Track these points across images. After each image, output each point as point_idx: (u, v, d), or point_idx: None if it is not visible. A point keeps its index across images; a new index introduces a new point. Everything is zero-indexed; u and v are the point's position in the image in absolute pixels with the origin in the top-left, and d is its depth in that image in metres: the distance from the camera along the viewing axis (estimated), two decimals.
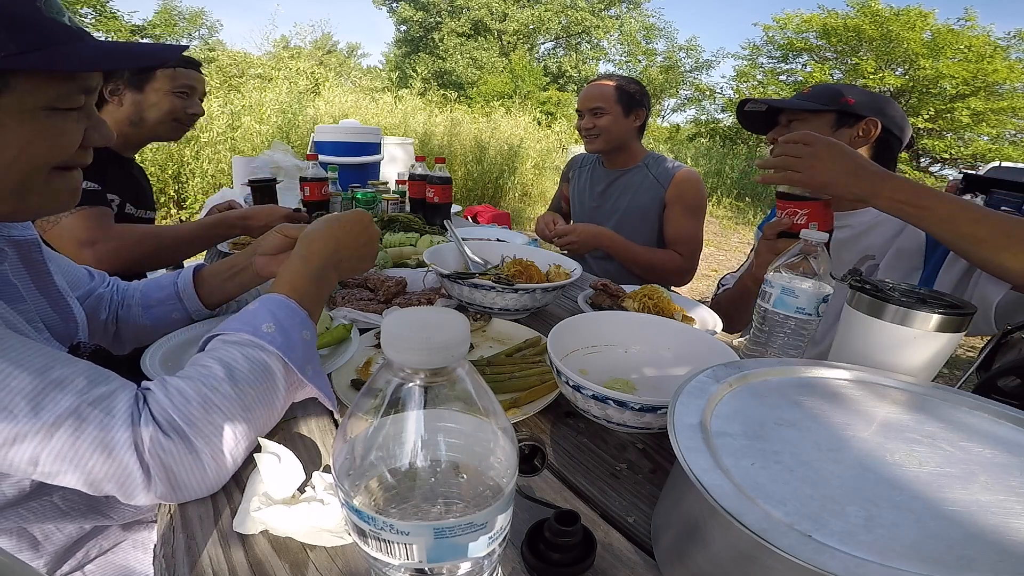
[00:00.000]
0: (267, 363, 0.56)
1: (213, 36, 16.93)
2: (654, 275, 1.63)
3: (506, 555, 0.47)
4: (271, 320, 0.58)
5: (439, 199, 1.78)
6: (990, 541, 0.37)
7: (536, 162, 8.31)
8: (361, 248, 0.71)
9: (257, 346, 0.56)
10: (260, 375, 0.55)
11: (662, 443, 0.68)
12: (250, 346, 0.56)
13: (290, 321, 0.59)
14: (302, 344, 0.59)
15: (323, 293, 0.66)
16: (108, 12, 12.20)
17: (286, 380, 0.58)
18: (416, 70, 16.79)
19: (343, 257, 0.69)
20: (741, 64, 15.30)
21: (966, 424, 0.53)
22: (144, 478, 0.48)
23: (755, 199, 9.92)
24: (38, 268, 0.66)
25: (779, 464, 0.44)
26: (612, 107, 1.66)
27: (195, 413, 0.50)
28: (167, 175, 5.16)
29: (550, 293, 1.01)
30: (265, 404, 0.56)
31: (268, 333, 0.57)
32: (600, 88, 1.67)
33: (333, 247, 0.68)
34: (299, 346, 0.59)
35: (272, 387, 0.56)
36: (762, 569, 0.37)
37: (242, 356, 0.55)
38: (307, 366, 0.59)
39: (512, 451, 0.36)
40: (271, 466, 0.52)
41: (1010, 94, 11.71)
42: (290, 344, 0.58)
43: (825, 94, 1.13)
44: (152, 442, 0.48)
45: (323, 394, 0.61)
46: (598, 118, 1.67)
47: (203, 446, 0.50)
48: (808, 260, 0.76)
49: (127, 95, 1.29)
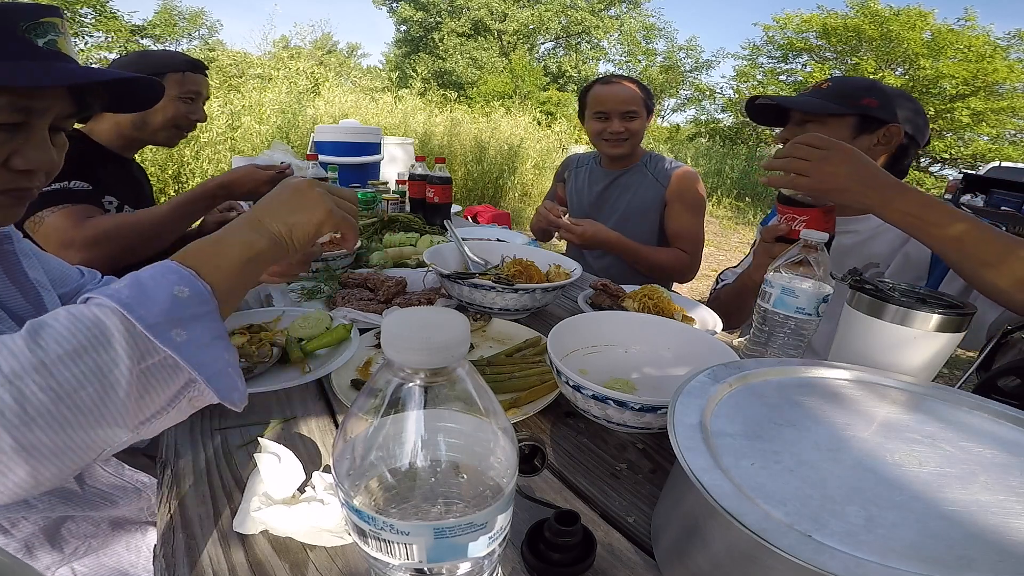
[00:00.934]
0: (96, 317, 0.40)
1: (213, 36, 16.94)
2: (660, 273, 1.62)
3: (506, 555, 0.47)
4: (128, 279, 0.45)
5: (439, 199, 1.78)
6: (990, 541, 0.37)
7: (536, 162, 8.31)
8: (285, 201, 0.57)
9: (94, 302, 0.42)
10: (80, 329, 0.39)
11: (662, 443, 0.68)
12: (83, 303, 0.43)
13: (154, 278, 0.45)
14: (168, 299, 0.43)
15: (226, 250, 0.51)
16: (108, 12, 12.20)
17: (130, 344, 0.41)
18: (416, 70, 16.79)
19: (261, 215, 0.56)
20: (741, 64, 15.32)
21: (966, 424, 0.53)
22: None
23: (755, 199, 9.93)
24: (8, 260, 0.67)
25: (779, 464, 0.44)
26: (641, 110, 1.64)
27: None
28: (167, 175, 5.16)
29: (550, 293, 1.01)
30: (84, 370, 0.39)
31: (112, 290, 0.43)
32: (629, 90, 1.63)
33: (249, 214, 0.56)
34: (160, 301, 0.43)
35: (100, 348, 0.39)
36: (762, 569, 0.37)
37: (65, 312, 0.41)
38: (173, 328, 0.43)
39: (512, 451, 0.36)
40: (271, 466, 0.52)
41: (1010, 94, 11.72)
42: (142, 297, 0.43)
43: (846, 92, 1.04)
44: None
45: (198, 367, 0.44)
46: (630, 122, 1.63)
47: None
48: (808, 260, 0.76)
49: None
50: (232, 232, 0.53)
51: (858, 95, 1.02)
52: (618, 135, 1.64)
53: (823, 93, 1.06)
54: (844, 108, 1.02)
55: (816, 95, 1.06)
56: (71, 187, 1.14)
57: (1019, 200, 5.89)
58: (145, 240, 1.17)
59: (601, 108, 1.65)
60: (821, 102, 1.04)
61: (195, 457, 0.60)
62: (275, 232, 0.55)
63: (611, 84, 1.65)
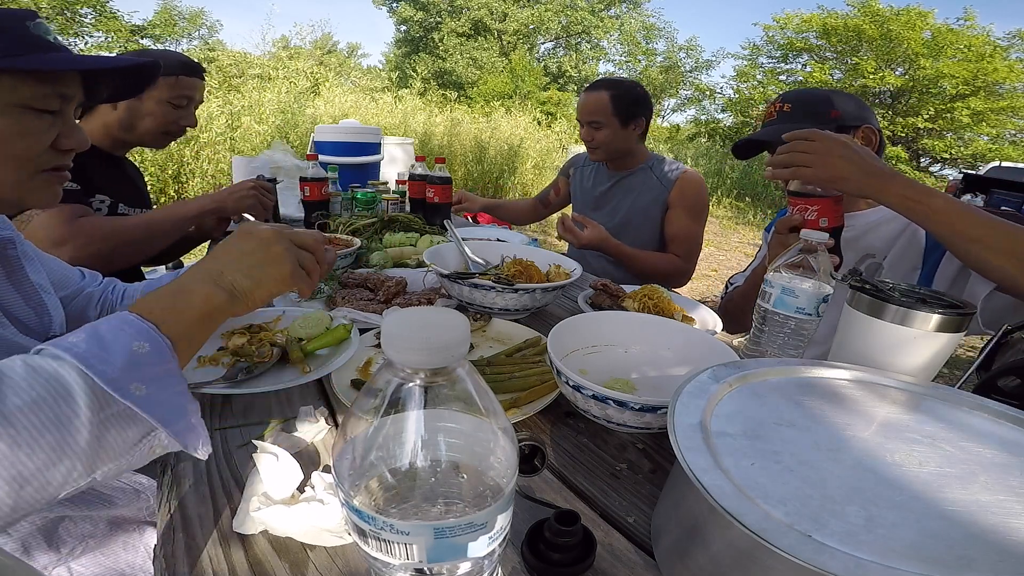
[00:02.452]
0: (56, 371, 0.41)
1: (213, 36, 16.94)
2: (653, 278, 1.63)
3: (506, 555, 0.47)
4: (85, 331, 0.45)
5: (439, 199, 1.78)
6: (990, 541, 0.37)
7: (536, 162, 8.32)
8: (247, 254, 0.56)
9: (51, 355, 0.43)
10: (38, 383, 0.40)
11: (662, 443, 0.68)
12: (39, 353, 0.43)
13: (113, 331, 0.45)
14: (126, 355, 0.44)
15: (184, 306, 0.51)
16: (108, 12, 12.19)
17: (91, 397, 0.42)
18: (416, 70, 16.79)
19: (222, 267, 0.55)
20: (741, 64, 15.32)
21: (966, 424, 0.53)
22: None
23: (755, 199, 9.93)
24: (12, 265, 0.68)
25: (779, 464, 0.44)
26: (609, 119, 1.63)
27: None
28: (167, 175, 5.16)
29: (550, 293, 1.01)
30: (43, 420, 0.39)
31: (70, 343, 0.44)
32: (596, 99, 1.63)
33: (206, 262, 0.55)
34: (118, 355, 0.44)
35: (60, 401, 0.40)
36: (762, 569, 0.37)
37: (22, 363, 0.41)
38: (132, 383, 0.43)
39: (512, 451, 0.36)
40: (269, 466, 0.52)
41: (1010, 94, 11.73)
42: (101, 352, 0.43)
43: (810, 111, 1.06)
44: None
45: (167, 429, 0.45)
46: (596, 131, 1.65)
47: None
48: (808, 260, 0.76)
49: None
50: (193, 282, 0.53)
51: (823, 110, 1.05)
52: (587, 143, 1.69)
53: (789, 116, 1.08)
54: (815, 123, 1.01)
55: (784, 120, 1.08)
56: None
57: (1019, 200, 5.89)
58: (138, 245, 1.17)
59: (577, 116, 1.72)
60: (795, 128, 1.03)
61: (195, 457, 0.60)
62: (237, 288, 0.54)
63: (588, 91, 1.68)
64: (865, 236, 1.12)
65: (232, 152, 5.52)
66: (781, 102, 1.10)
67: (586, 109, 1.65)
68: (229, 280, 0.54)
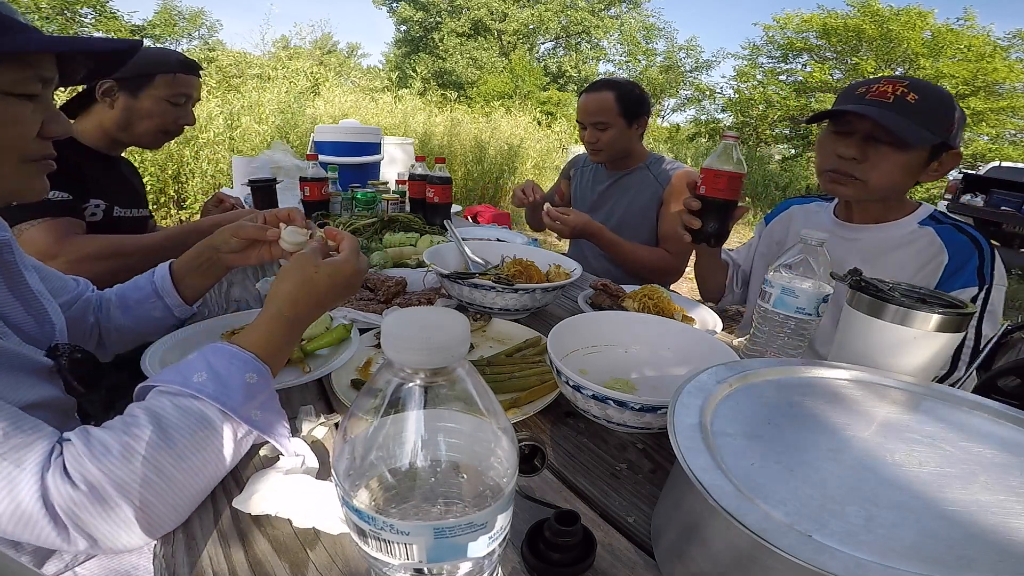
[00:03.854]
0: (201, 411, 0.52)
1: (213, 36, 16.93)
2: (642, 272, 1.61)
3: (506, 555, 0.47)
4: (203, 369, 0.55)
5: (439, 199, 1.78)
6: (990, 541, 0.37)
7: (536, 162, 8.31)
8: (342, 295, 0.67)
9: (187, 395, 0.53)
10: (194, 423, 0.51)
11: (662, 443, 0.68)
12: (180, 395, 0.53)
13: (227, 366, 0.56)
14: (243, 388, 0.55)
15: (281, 331, 0.62)
16: (108, 12, 12.19)
17: (229, 426, 0.54)
18: (416, 70, 16.79)
19: (325, 307, 0.66)
20: (741, 64, 15.30)
21: (966, 424, 0.53)
22: (58, 532, 0.46)
23: (755, 199, 9.93)
24: (9, 270, 0.66)
25: (779, 464, 0.44)
26: (615, 120, 1.61)
27: (114, 463, 0.47)
28: (167, 175, 5.16)
29: (550, 293, 1.01)
30: (204, 452, 0.51)
31: (198, 383, 0.54)
32: (601, 100, 1.60)
33: (315, 304, 0.64)
34: (238, 390, 0.55)
35: (211, 434, 0.52)
36: (762, 569, 0.37)
37: (171, 405, 0.52)
38: (252, 411, 0.56)
39: (512, 451, 0.36)
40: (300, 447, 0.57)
41: (1010, 94, 11.72)
42: (226, 389, 0.54)
43: (938, 114, 0.91)
44: (61, 495, 0.45)
45: (271, 436, 0.57)
46: (602, 132, 1.62)
47: (120, 498, 0.46)
48: (808, 260, 0.76)
49: (120, 98, 1.24)
50: (301, 324, 0.64)
51: (948, 120, 0.91)
52: (591, 144, 1.66)
53: (912, 109, 0.90)
54: (934, 137, 0.91)
55: (901, 111, 0.90)
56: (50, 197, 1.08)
57: (1019, 200, 5.88)
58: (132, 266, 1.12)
59: (578, 117, 1.69)
60: (919, 131, 0.90)
61: None
62: (306, 322, 0.65)
63: (590, 92, 1.65)
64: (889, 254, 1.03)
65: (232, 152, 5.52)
66: (907, 87, 0.92)
67: (590, 110, 1.62)
68: (322, 311, 0.66)
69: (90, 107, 1.26)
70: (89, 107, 1.26)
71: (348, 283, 0.66)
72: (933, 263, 0.97)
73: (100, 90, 1.23)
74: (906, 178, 0.97)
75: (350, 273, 0.66)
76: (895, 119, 0.90)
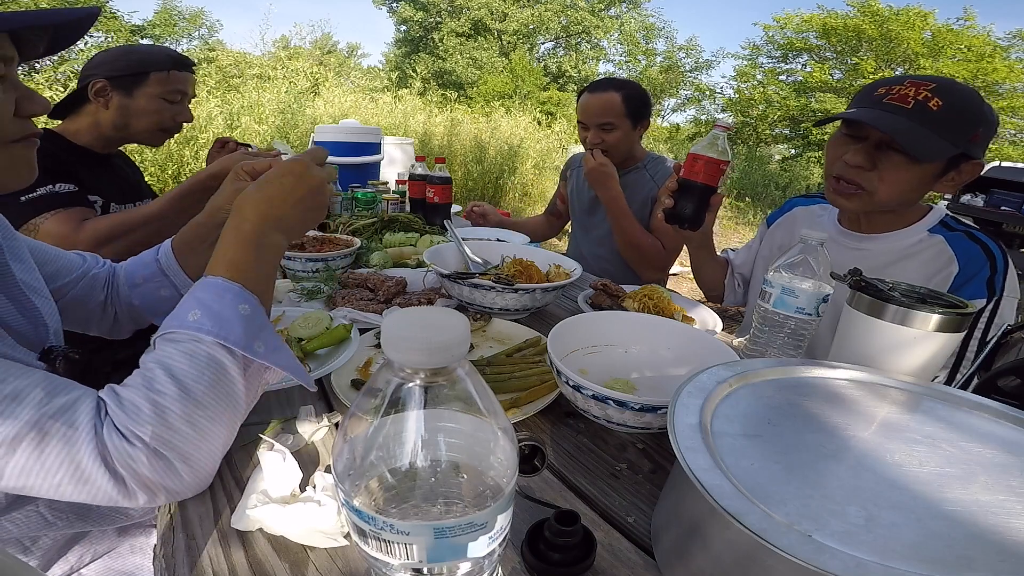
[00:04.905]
0: (209, 354, 0.51)
1: (213, 36, 16.93)
2: (634, 254, 1.60)
3: (506, 555, 0.47)
4: (195, 306, 0.52)
5: (439, 199, 1.78)
6: (990, 541, 0.37)
7: (536, 162, 8.31)
8: (302, 200, 0.61)
9: (191, 339, 0.51)
10: (205, 367, 0.50)
11: (662, 443, 0.68)
12: (184, 340, 0.51)
13: (218, 300, 0.53)
14: (240, 320, 0.52)
15: (265, 258, 0.58)
16: (108, 12, 12.17)
17: (237, 365, 0.52)
18: (416, 70, 16.79)
19: (282, 215, 0.60)
20: (741, 64, 15.30)
21: (966, 424, 0.53)
22: (119, 488, 0.46)
23: (755, 199, 9.93)
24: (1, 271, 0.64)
25: (779, 464, 0.44)
26: (621, 121, 1.58)
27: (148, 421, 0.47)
28: (167, 175, 5.16)
29: (550, 293, 1.01)
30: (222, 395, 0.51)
31: (194, 321, 0.51)
32: (606, 100, 1.56)
33: (265, 208, 0.59)
34: (236, 322, 0.52)
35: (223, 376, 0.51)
36: (762, 569, 0.37)
37: (178, 352, 0.50)
38: (254, 342, 0.53)
39: (512, 451, 0.36)
40: (273, 465, 0.52)
41: (1010, 94, 11.71)
42: (223, 324, 0.52)
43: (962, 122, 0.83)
44: (119, 452, 0.46)
45: (284, 367, 0.54)
46: (607, 133, 1.59)
47: (167, 451, 0.48)
48: (808, 260, 0.76)
49: (114, 98, 1.23)
50: (262, 233, 0.58)
51: (970, 128, 0.84)
52: (594, 147, 1.60)
53: (932, 117, 0.82)
54: (953, 147, 0.83)
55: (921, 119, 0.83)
56: (57, 190, 1.11)
57: (1019, 200, 5.88)
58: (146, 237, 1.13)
59: (581, 118, 1.64)
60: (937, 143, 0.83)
61: None
62: (293, 233, 0.62)
63: (593, 92, 1.61)
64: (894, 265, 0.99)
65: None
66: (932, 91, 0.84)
67: (595, 111, 1.58)
68: (288, 226, 0.60)
69: (81, 107, 1.25)
70: (80, 107, 1.25)
71: (304, 183, 0.61)
72: (942, 274, 0.93)
73: (93, 90, 1.22)
74: (917, 190, 0.92)
75: (300, 171, 0.61)
76: (910, 129, 0.82)
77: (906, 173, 0.88)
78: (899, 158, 0.87)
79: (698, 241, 1.19)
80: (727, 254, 1.35)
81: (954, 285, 0.92)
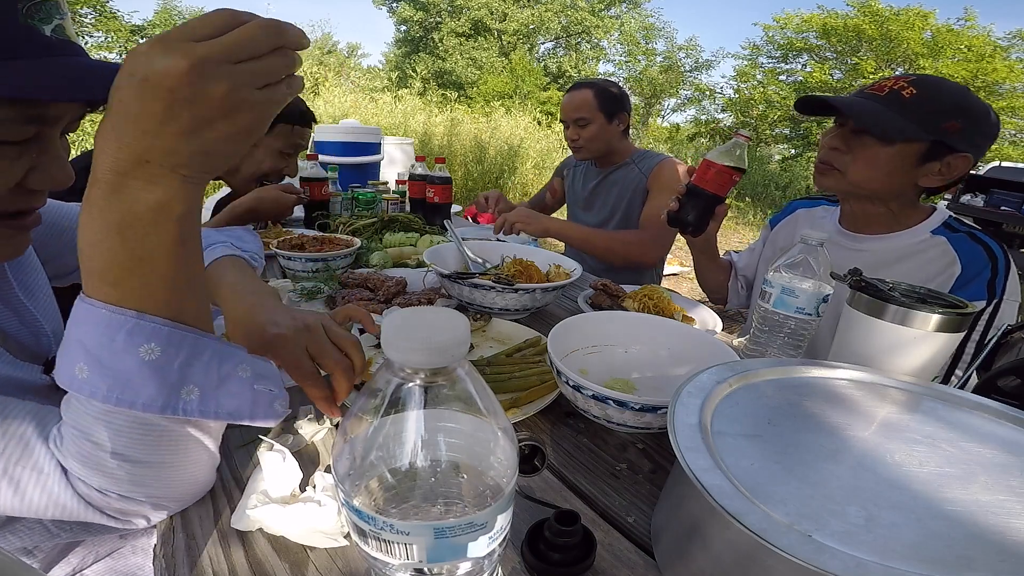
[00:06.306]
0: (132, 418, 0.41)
1: None
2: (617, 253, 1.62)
3: (506, 555, 0.47)
4: (80, 357, 0.38)
5: (439, 199, 1.78)
6: (990, 541, 0.37)
7: (536, 162, 8.31)
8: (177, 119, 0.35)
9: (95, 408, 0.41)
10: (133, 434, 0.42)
11: (662, 443, 0.68)
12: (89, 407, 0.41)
13: (108, 346, 0.38)
14: (146, 372, 0.38)
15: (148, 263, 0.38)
16: (108, 12, 12.18)
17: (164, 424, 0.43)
18: (416, 70, 16.80)
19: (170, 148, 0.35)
20: (741, 64, 15.31)
21: (966, 424, 0.53)
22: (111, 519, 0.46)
23: (755, 199, 9.93)
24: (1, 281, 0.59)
25: (779, 464, 0.44)
26: (595, 115, 1.66)
27: (106, 485, 0.43)
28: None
29: (550, 293, 1.01)
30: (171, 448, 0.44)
31: (84, 381, 0.38)
32: (580, 97, 1.67)
33: (117, 148, 0.35)
34: (140, 378, 0.38)
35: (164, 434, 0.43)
36: (762, 569, 0.37)
37: (95, 421, 0.41)
38: (179, 392, 0.40)
39: (512, 451, 0.36)
40: (273, 465, 0.52)
41: (1010, 94, 11.72)
42: (123, 385, 0.38)
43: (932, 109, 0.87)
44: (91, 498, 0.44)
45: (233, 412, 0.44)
46: (583, 128, 1.68)
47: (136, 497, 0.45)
48: (808, 260, 0.76)
49: None
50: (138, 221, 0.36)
51: (942, 116, 0.87)
52: (573, 142, 1.71)
53: (903, 103, 0.88)
54: (921, 133, 0.88)
55: (890, 104, 0.89)
56: None
57: (1019, 200, 5.88)
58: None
59: (561, 116, 1.75)
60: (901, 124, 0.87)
61: None
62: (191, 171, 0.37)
63: (570, 91, 1.72)
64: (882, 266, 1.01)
65: None
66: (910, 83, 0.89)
67: (571, 107, 1.68)
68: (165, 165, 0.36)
69: None
70: None
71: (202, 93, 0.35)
72: (944, 275, 0.94)
73: None
74: (893, 176, 0.94)
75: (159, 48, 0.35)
76: (875, 111, 0.89)
77: (876, 154, 0.93)
78: (870, 140, 0.93)
79: (700, 245, 1.20)
80: (730, 256, 1.35)
81: (955, 286, 0.93)
